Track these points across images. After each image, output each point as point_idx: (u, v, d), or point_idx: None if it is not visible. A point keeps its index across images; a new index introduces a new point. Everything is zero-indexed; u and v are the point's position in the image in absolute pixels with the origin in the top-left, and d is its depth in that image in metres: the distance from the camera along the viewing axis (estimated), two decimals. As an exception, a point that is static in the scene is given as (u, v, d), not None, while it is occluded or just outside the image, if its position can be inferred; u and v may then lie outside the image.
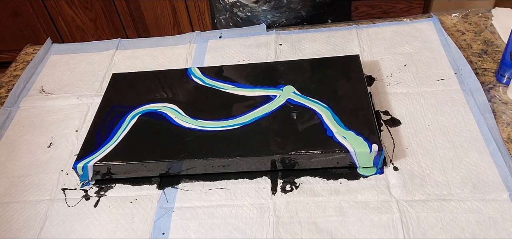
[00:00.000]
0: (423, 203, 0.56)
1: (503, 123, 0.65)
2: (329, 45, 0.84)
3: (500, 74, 0.71)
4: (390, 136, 0.65)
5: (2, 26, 2.01)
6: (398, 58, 0.79)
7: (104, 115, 0.69)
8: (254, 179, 0.62)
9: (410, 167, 0.60)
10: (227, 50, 0.87)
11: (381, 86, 0.73)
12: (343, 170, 0.61)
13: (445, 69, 0.75)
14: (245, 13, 0.95)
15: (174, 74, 0.77)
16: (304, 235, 0.55)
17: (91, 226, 0.59)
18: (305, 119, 0.63)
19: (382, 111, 0.69)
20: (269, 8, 0.92)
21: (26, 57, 0.95)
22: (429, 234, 0.53)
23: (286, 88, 0.69)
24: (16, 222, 0.61)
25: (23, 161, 0.70)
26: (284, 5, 0.92)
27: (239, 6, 0.94)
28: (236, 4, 0.94)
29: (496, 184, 0.57)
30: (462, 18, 0.87)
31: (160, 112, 0.68)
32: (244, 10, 0.95)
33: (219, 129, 0.64)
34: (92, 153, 0.63)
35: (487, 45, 0.80)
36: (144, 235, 0.57)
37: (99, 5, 1.90)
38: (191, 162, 0.61)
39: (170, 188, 0.63)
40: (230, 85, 0.72)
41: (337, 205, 0.57)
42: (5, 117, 0.79)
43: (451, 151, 0.62)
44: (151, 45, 0.92)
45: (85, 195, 0.63)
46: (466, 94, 0.69)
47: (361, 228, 0.54)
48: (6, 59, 2.06)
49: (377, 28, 0.87)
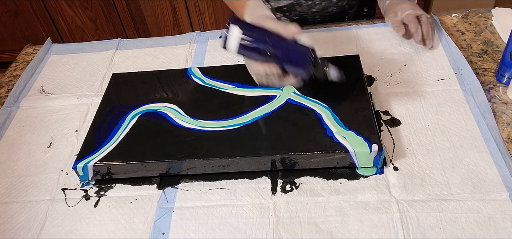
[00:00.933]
0: (423, 203, 0.56)
1: (503, 123, 0.65)
2: (329, 45, 0.84)
3: (500, 74, 0.71)
4: (390, 136, 0.65)
5: (2, 26, 2.01)
6: (398, 58, 0.79)
7: (104, 116, 0.69)
8: (254, 179, 0.62)
9: (410, 167, 0.60)
10: (227, 50, 0.87)
11: (381, 86, 0.73)
12: (343, 170, 0.61)
13: (445, 69, 0.75)
14: (292, 16, 0.97)
15: (174, 74, 0.77)
16: (304, 235, 0.55)
17: (91, 226, 0.59)
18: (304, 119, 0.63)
19: (382, 111, 0.69)
20: (319, 9, 0.95)
21: (26, 57, 0.95)
22: (429, 234, 0.53)
23: (286, 88, 0.69)
24: (16, 222, 0.61)
25: (23, 161, 0.70)
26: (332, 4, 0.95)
27: (286, 11, 0.95)
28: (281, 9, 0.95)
29: (496, 184, 0.57)
30: (462, 18, 0.87)
31: (160, 112, 0.68)
32: (290, 14, 0.96)
33: (219, 129, 0.64)
34: (92, 153, 0.63)
35: (487, 45, 0.80)
36: (144, 235, 0.57)
37: (99, 5, 1.90)
38: (191, 162, 0.61)
39: (170, 188, 0.63)
40: (230, 85, 0.72)
41: (337, 205, 0.57)
42: (5, 117, 0.79)
43: (451, 151, 0.62)
44: (151, 45, 0.92)
45: (85, 195, 0.63)
46: (466, 94, 0.69)
47: (361, 228, 0.54)
48: (6, 59, 2.06)
49: (377, 28, 0.87)
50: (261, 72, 0.59)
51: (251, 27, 0.58)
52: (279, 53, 0.57)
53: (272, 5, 0.96)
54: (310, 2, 0.92)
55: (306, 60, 0.56)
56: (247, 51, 0.58)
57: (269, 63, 0.58)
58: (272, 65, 0.58)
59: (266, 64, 0.58)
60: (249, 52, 0.58)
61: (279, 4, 0.93)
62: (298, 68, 0.57)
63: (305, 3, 0.92)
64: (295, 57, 0.57)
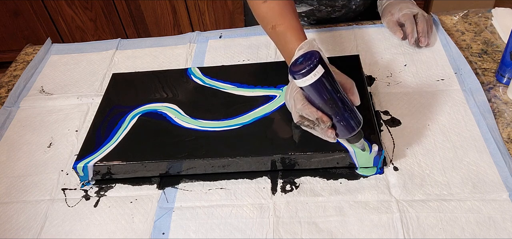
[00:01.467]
0: (423, 203, 0.56)
1: (503, 123, 0.65)
2: (329, 45, 0.84)
3: (500, 74, 0.71)
4: (390, 136, 0.65)
5: (2, 26, 2.01)
6: (398, 58, 0.79)
7: (104, 116, 0.69)
8: (254, 179, 0.62)
9: (410, 167, 0.60)
10: (227, 50, 0.87)
11: (381, 86, 0.73)
12: (343, 170, 0.61)
13: (445, 69, 0.75)
14: (310, 21, 0.96)
15: (174, 74, 0.77)
16: (304, 235, 0.55)
17: (91, 226, 0.59)
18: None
19: (382, 111, 0.69)
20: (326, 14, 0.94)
21: (26, 57, 0.95)
22: (429, 234, 0.53)
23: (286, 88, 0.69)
24: (16, 222, 0.61)
25: (23, 161, 0.70)
26: (350, 11, 0.93)
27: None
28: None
29: (496, 184, 0.57)
30: (462, 18, 0.87)
31: (160, 112, 0.68)
32: (309, 19, 0.96)
33: (219, 129, 0.64)
34: (92, 153, 0.63)
35: (487, 45, 0.80)
36: (144, 235, 0.57)
37: (99, 5, 1.90)
38: (191, 162, 0.61)
39: (170, 188, 0.63)
40: (230, 85, 0.72)
41: (337, 205, 0.57)
42: (5, 117, 0.79)
43: (451, 151, 0.62)
44: (151, 45, 0.92)
45: (85, 195, 0.63)
46: (466, 94, 0.69)
47: (361, 228, 0.54)
48: (6, 59, 2.05)
49: (377, 28, 0.87)
50: (311, 117, 0.55)
51: (329, 71, 0.53)
52: (340, 110, 0.54)
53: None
54: (330, 9, 0.91)
55: (355, 128, 0.55)
56: (316, 93, 0.53)
57: (324, 113, 0.55)
58: (327, 117, 0.54)
59: (320, 112, 0.55)
60: (317, 95, 0.53)
61: (298, 9, 0.93)
62: (346, 131, 0.55)
63: (325, 9, 0.91)
64: (350, 120, 0.54)
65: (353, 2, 0.90)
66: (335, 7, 0.91)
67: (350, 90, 0.56)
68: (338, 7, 0.91)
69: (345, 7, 0.91)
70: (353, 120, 0.54)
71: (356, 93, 0.56)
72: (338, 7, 0.91)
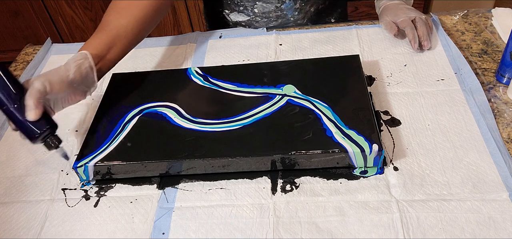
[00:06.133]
0: (423, 203, 0.56)
1: (503, 123, 0.65)
2: (329, 45, 0.84)
3: (500, 74, 0.71)
4: (390, 136, 0.65)
5: (2, 26, 2.01)
6: (398, 58, 0.79)
7: (104, 116, 0.69)
8: (254, 179, 0.62)
9: (410, 167, 0.60)
10: (227, 50, 0.87)
11: (381, 86, 0.73)
12: (343, 170, 0.61)
13: (445, 69, 0.75)
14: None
15: (174, 74, 0.77)
16: (304, 235, 0.55)
17: (91, 226, 0.59)
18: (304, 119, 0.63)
19: (382, 111, 0.69)
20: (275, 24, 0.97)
21: (26, 57, 0.95)
22: (429, 234, 0.53)
23: (286, 88, 0.69)
24: (16, 222, 0.61)
25: (23, 161, 0.70)
26: (290, 22, 0.96)
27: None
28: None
29: (496, 184, 0.57)
30: (462, 18, 0.87)
31: (160, 113, 0.68)
32: (251, 27, 0.98)
33: (219, 129, 0.64)
34: (92, 153, 0.63)
35: (487, 45, 0.80)
36: (144, 235, 0.57)
37: (99, 5, 1.90)
38: (191, 162, 0.61)
39: (170, 188, 0.63)
40: (230, 85, 0.72)
41: (337, 205, 0.57)
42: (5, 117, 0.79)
43: (451, 151, 0.62)
44: (151, 45, 0.92)
45: (85, 195, 0.63)
46: (466, 94, 0.69)
47: (361, 228, 0.54)
48: (6, 59, 2.05)
49: (377, 28, 0.87)
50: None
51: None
52: (13, 120, 0.59)
53: (232, 18, 0.97)
54: (266, 19, 0.95)
55: (31, 138, 0.60)
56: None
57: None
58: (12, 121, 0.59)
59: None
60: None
61: (239, 18, 0.96)
62: (26, 137, 0.60)
63: (261, 20, 0.95)
64: (22, 131, 0.59)
65: (287, 13, 0.93)
66: (270, 18, 0.94)
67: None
68: (273, 17, 0.94)
69: (282, 18, 0.95)
70: (26, 131, 0.59)
71: (32, 107, 0.58)
72: (274, 18, 0.94)
